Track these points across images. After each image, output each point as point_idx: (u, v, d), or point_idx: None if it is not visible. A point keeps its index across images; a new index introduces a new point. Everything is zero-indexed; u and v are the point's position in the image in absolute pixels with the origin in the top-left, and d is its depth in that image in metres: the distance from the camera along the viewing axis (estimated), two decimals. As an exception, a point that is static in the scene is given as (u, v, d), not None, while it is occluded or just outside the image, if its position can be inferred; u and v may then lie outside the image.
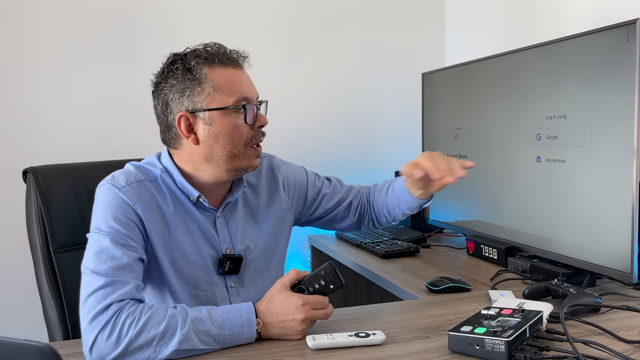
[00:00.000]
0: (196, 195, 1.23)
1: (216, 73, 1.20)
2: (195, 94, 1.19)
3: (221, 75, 1.20)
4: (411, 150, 2.60)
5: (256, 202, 1.36)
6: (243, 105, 1.21)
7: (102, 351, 1.02)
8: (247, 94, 1.22)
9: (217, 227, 1.28)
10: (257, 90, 1.27)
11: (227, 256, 1.27)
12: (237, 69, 1.24)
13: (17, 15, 2.15)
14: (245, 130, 1.22)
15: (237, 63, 1.24)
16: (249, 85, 1.24)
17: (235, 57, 1.24)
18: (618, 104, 1.40)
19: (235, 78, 1.22)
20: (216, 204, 1.29)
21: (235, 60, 1.24)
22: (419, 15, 2.67)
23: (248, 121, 1.21)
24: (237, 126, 1.21)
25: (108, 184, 1.20)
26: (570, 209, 1.57)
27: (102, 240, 1.13)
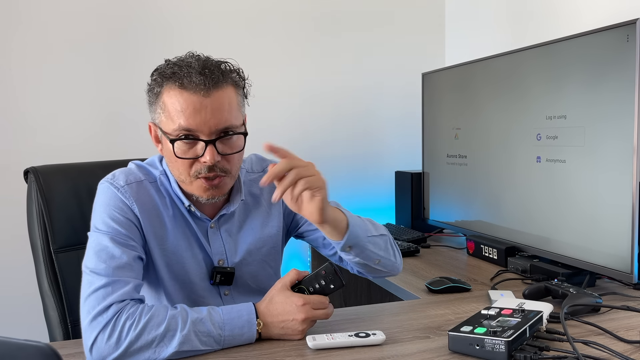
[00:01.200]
0: (187, 204, 1.22)
1: (168, 94, 1.12)
2: (154, 109, 1.18)
3: (171, 98, 1.12)
4: (411, 150, 2.61)
5: (256, 212, 1.32)
6: (173, 138, 1.12)
7: (102, 352, 1.02)
8: (187, 125, 1.10)
9: (210, 238, 1.26)
10: (219, 121, 1.12)
11: (218, 269, 1.25)
12: (192, 94, 1.10)
13: (18, 16, 2.15)
14: (184, 161, 1.14)
15: (196, 87, 1.10)
16: (195, 115, 1.10)
17: (197, 79, 1.10)
18: (618, 104, 1.40)
19: (181, 104, 1.10)
20: (211, 213, 1.26)
21: (195, 84, 1.10)
22: (419, 16, 2.67)
23: (178, 155, 1.12)
24: (175, 156, 1.14)
25: (107, 182, 1.20)
26: (570, 209, 1.57)
27: (102, 239, 1.13)
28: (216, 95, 1.12)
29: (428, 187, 2.34)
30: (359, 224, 1.21)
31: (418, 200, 2.38)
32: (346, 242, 1.17)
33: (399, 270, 1.33)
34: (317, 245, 1.38)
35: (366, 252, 1.22)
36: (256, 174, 1.35)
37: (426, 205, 2.35)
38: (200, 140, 1.12)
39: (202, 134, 1.12)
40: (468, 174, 2.07)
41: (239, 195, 1.27)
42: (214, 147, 1.12)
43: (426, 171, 2.35)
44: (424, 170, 2.36)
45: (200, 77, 1.10)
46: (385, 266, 1.27)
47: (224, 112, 1.12)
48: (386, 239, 1.29)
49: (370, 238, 1.23)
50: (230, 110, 1.14)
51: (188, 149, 1.14)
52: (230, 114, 1.14)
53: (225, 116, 1.12)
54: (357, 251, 1.21)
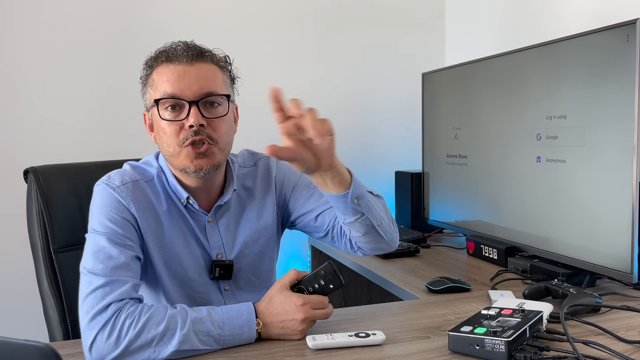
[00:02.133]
0: (185, 197, 1.23)
1: (157, 72, 1.19)
2: (145, 93, 1.23)
3: (158, 73, 1.19)
4: (411, 150, 2.61)
5: (250, 205, 1.33)
6: (156, 99, 1.17)
7: (101, 351, 1.02)
8: (171, 89, 1.15)
9: (207, 232, 1.27)
10: (202, 84, 1.16)
11: (217, 263, 1.26)
12: (176, 64, 1.17)
13: (18, 16, 2.15)
14: (170, 127, 1.17)
15: (180, 57, 1.17)
16: (178, 80, 1.16)
17: (180, 52, 1.17)
18: (618, 104, 1.40)
19: (166, 74, 1.17)
20: (207, 207, 1.27)
21: (179, 55, 1.17)
22: (419, 16, 2.67)
23: (163, 117, 1.17)
24: (162, 123, 1.18)
25: (103, 183, 1.21)
26: (570, 209, 1.57)
27: (99, 240, 1.13)
28: (199, 65, 1.18)
29: (428, 187, 2.34)
30: (360, 180, 1.17)
31: (418, 200, 2.38)
32: (353, 190, 1.12)
33: (396, 243, 1.29)
34: (310, 230, 1.36)
35: (370, 207, 1.18)
36: (248, 168, 1.37)
37: (426, 205, 2.35)
38: (184, 102, 1.16)
39: (185, 97, 1.16)
40: (468, 174, 2.07)
41: (232, 185, 1.29)
42: (197, 109, 1.16)
43: (426, 171, 2.35)
44: (424, 170, 2.36)
45: (184, 50, 1.18)
46: (385, 232, 1.23)
47: (207, 79, 1.18)
48: (383, 201, 1.27)
49: (369, 194, 1.20)
50: (214, 79, 1.19)
51: (175, 116, 1.17)
52: (215, 82, 1.19)
53: (208, 83, 1.18)
54: (364, 204, 1.15)
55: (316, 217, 1.33)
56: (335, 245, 1.34)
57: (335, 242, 1.33)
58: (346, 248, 1.31)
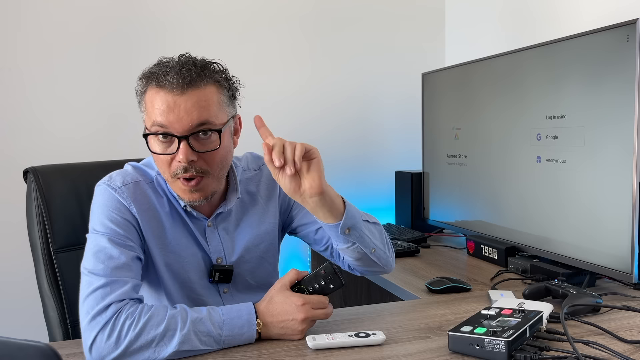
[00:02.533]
0: (183, 204, 1.22)
1: (149, 94, 1.14)
2: (141, 109, 1.19)
3: (150, 97, 1.14)
4: (411, 150, 2.61)
5: (253, 209, 1.33)
6: (146, 133, 1.14)
7: (101, 351, 1.02)
8: (160, 121, 1.11)
9: (207, 236, 1.26)
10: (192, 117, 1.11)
11: (217, 267, 1.26)
12: (168, 92, 1.11)
13: (18, 16, 2.15)
14: (161, 158, 1.15)
15: (172, 85, 1.10)
16: (168, 112, 1.10)
17: (173, 78, 1.10)
18: (618, 104, 1.40)
19: (157, 102, 1.11)
20: (208, 212, 1.26)
21: (171, 83, 1.10)
22: (419, 16, 2.67)
23: (152, 150, 1.15)
24: (151, 151, 1.16)
25: (105, 184, 1.20)
26: (570, 209, 1.57)
27: (100, 240, 1.13)
28: (192, 93, 1.11)
29: (428, 187, 2.34)
30: (354, 207, 1.19)
31: (418, 200, 2.38)
32: (345, 221, 1.14)
33: (392, 267, 1.31)
34: (309, 241, 1.37)
35: (363, 236, 1.19)
36: (252, 172, 1.36)
37: (426, 205, 2.35)
38: (174, 137, 1.12)
39: (175, 131, 1.11)
40: (468, 174, 2.07)
41: (235, 193, 1.27)
42: (187, 144, 1.11)
43: (426, 171, 2.35)
44: (424, 170, 2.36)
45: (175, 77, 1.10)
46: (379, 258, 1.25)
47: (199, 110, 1.11)
48: (380, 228, 1.28)
49: (365, 223, 1.21)
50: (207, 107, 1.13)
51: (165, 147, 1.14)
52: (208, 111, 1.13)
53: (200, 113, 1.11)
54: (355, 235, 1.17)
55: (316, 230, 1.33)
56: (334, 261, 1.33)
57: (334, 258, 1.34)
58: (344, 266, 1.32)
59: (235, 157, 1.35)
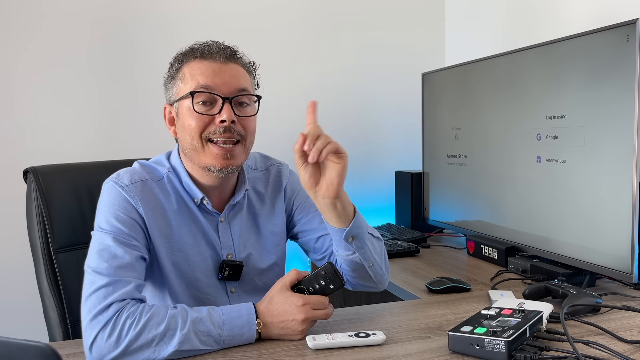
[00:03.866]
0: (200, 197, 1.23)
1: (188, 66, 1.21)
2: (172, 86, 1.24)
3: (190, 67, 1.20)
4: (411, 150, 2.61)
5: (261, 210, 1.34)
6: (191, 92, 1.18)
7: (102, 351, 1.02)
8: (205, 82, 1.17)
9: (220, 232, 1.27)
10: (236, 81, 1.20)
11: (227, 262, 1.26)
12: (211, 61, 1.20)
13: (18, 16, 2.15)
14: (199, 119, 1.17)
15: (214, 55, 1.20)
16: (213, 75, 1.18)
17: (215, 50, 1.20)
18: (618, 104, 1.40)
19: (201, 69, 1.19)
20: (219, 206, 1.28)
21: (213, 53, 1.20)
22: (419, 15, 2.67)
23: (196, 109, 1.17)
24: (190, 115, 1.18)
25: (112, 182, 1.20)
26: (571, 209, 1.57)
27: (104, 239, 1.13)
28: (233, 65, 1.22)
29: (428, 187, 2.34)
30: (362, 218, 1.22)
31: (418, 200, 2.38)
32: (351, 229, 1.17)
33: (385, 285, 1.32)
34: (308, 248, 1.39)
35: (365, 248, 1.21)
36: (260, 171, 1.38)
37: (426, 205, 2.35)
38: (218, 97, 1.18)
39: (220, 92, 1.18)
40: (468, 174, 2.07)
41: (243, 185, 1.29)
42: (230, 105, 1.18)
43: (426, 171, 2.35)
44: (424, 170, 2.36)
45: (218, 50, 1.21)
46: (375, 274, 1.27)
47: (240, 78, 1.21)
48: (381, 244, 1.31)
49: (369, 236, 1.24)
50: (246, 79, 1.23)
51: (206, 110, 1.18)
52: (246, 81, 1.23)
53: (241, 81, 1.21)
54: (357, 244, 1.19)
55: (317, 238, 1.35)
56: None
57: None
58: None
59: None
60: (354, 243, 1.19)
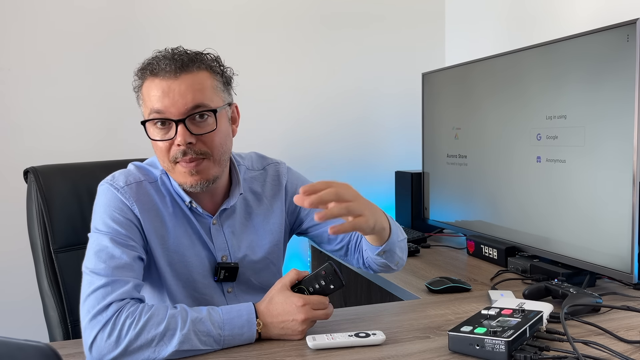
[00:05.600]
0: (188, 200, 1.23)
1: (145, 85, 1.17)
2: (139, 103, 1.21)
3: (145, 87, 1.17)
4: (411, 150, 2.61)
5: (258, 209, 1.33)
6: (144, 120, 1.16)
7: (101, 351, 1.02)
8: (156, 107, 1.13)
9: (212, 234, 1.26)
10: (188, 100, 1.13)
11: (222, 265, 1.26)
12: (162, 79, 1.13)
13: (18, 16, 2.15)
14: (160, 145, 1.16)
15: (165, 72, 1.13)
16: (163, 97, 1.13)
17: (165, 65, 1.13)
18: (618, 104, 1.40)
19: (152, 89, 1.14)
20: (212, 209, 1.27)
21: (164, 70, 1.13)
22: (419, 15, 2.67)
23: (151, 137, 1.16)
24: (153, 141, 1.17)
25: (107, 184, 1.21)
26: (570, 209, 1.57)
27: (102, 240, 1.13)
28: (185, 77, 1.14)
29: (428, 187, 2.34)
30: (395, 231, 1.25)
31: (418, 200, 2.38)
32: (383, 249, 1.22)
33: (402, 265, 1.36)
34: (322, 240, 1.39)
35: (394, 255, 1.27)
36: (257, 171, 1.37)
37: (426, 205, 2.35)
38: (171, 121, 1.14)
39: (171, 115, 1.13)
40: (468, 174, 2.07)
41: (237, 189, 1.28)
42: (184, 127, 1.13)
43: (426, 171, 2.35)
44: (424, 170, 2.36)
45: (168, 63, 1.14)
46: (397, 265, 1.32)
47: (193, 93, 1.14)
48: (405, 241, 1.33)
49: (399, 242, 1.27)
50: (202, 90, 1.15)
51: (164, 134, 1.16)
52: (202, 93, 1.15)
53: (195, 96, 1.14)
54: (387, 255, 1.25)
55: None
56: (347, 260, 1.38)
57: (348, 257, 1.38)
58: (358, 263, 1.36)
59: (238, 154, 1.36)
60: (385, 255, 1.25)
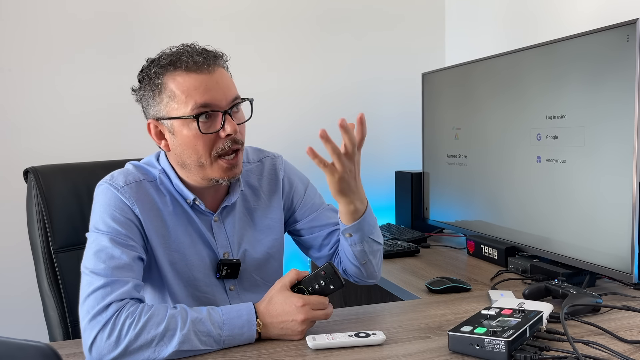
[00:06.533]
0: (192, 198, 1.23)
1: (174, 80, 1.15)
2: (157, 102, 1.18)
3: (177, 83, 1.15)
4: (411, 150, 2.61)
5: (256, 205, 1.34)
6: (195, 115, 1.14)
7: (101, 351, 1.02)
8: (204, 100, 1.14)
9: (214, 231, 1.27)
10: (230, 92, 1.17)
11: (225, 261, 1.26)
12: (199, 73, 1.15)
13: (18, 16, 2.15)
14: (206, 139, 1.15)
15: (200, 66, 1.15)
16: (208, 90, 1.14)
17: (198, 59, 1.15)
18: (618, 104, 1.40)
19: (191, 84, 1.14)
20: (213, 206, 1.27)
21: (199, 63, 1.15)
22: (419, 15, 2.67)
23: (202, 130, 1.14)
24: (196, 136, 1.15)
25: (106, 184, 1.20)
26: (570, 209, 1.57)
27: (101, 240, 1.13)
28: (219, 71, 1.18)
29: (428, 187, 2.34)
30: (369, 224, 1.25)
31: (418, 200, 2.38)
32: (348, 228, 1.23)
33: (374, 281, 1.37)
34: (311, 246, 1.40)
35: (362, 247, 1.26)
36: (253, 163, 1.37)
37: (426, 205, 2.35)
38: (218, 112, 1.16)
39: (219, 107, 1.16)
40: (468, 174, 2.07)
41: (238, 185, 1.29)
42: (230, 117, 1.17)
43: (426, 171, 2.35)
44: (424, 170, 2.36)
45: (200, 57, 1.16)
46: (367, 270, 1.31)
47: (229, 85, 1.19)
48: (380, 248, 1.32)
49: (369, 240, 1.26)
50: (233, 82, 1.21)
51: (208, 127, 1.16)
52: (234, 85, 1.21)
53: (231, 88, 1.19)
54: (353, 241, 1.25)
55: (329, 233, 1.37)
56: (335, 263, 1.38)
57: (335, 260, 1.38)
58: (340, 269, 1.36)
59: None
60: (350, 239, 1.25)
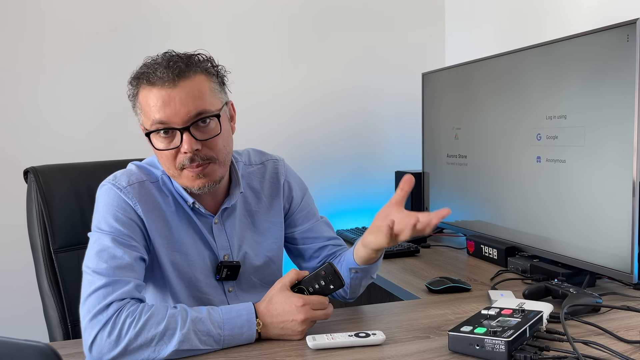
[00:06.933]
0: (191, 201, 1.23)
1: (142, 94, 1.15)
2: (137, 112, 1.20)
3: (142, 96, 1.15)
4: (411, 150, 2.61)
5: (257, 207, 1.34)
6: (147, 132, 1.15)
7: (102, 350, 1.02)
8: (159, 117, 1.12)
9: (214, 233, 1.27)
10: (191, 107, 1.13)
11: (225, 263, 1.26)
12: (160, 88, 1.12)
13: (17, 16, 2.15)
14: (167, 154, 1.15)
15: (164, 81, 1.12)
16: (165, 107, 1.12)
17: (163, 74, 1.12)
18: (618, 104, 1.40)
19: (151, 100, 1.13)
20: (213, 208, 1.27)
21: (163, 79, 1.12)
22: (419, 15, 2.67)
23: (160, 147, 1.15)
24: (157, 150, 1.17)
25: (109, 184, 1.20)
26: (571, 209, 1.57)
27: (103, 240, 1.13)
28: (183, 84, 1.13)
29: (428, 187, 2.34)
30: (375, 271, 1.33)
31: (418, 200, 2.38)
32: (360, 269, 1.27)
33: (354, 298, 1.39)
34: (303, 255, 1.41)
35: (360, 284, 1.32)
36: (255, 166, 1.37)
37: (426, 205, 2.35)
38: (176, 130, 1.13)
39: (175, 124, 1.13)
40: (468, 174, 2.07)
41: (237, 188, 1.29)
42: (189, 134, 1.13)
43: (426, 171, 2.35)
44: (424, 170, 2.36)
45: (164, 71, 1.12)
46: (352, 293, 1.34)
47: (194, 100, 1.13)
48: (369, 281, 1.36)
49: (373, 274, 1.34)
50: (201, 96, 1.14)
51: (168, 142, 1.15)
52: (202, 99, 1.15)
53: (195, 103, 1.13)
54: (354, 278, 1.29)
55: (320, 247, 1.40)
56: None
57: None
58: None
59: (236, 151, 1.36)
60: (354, 275, 1.29)
